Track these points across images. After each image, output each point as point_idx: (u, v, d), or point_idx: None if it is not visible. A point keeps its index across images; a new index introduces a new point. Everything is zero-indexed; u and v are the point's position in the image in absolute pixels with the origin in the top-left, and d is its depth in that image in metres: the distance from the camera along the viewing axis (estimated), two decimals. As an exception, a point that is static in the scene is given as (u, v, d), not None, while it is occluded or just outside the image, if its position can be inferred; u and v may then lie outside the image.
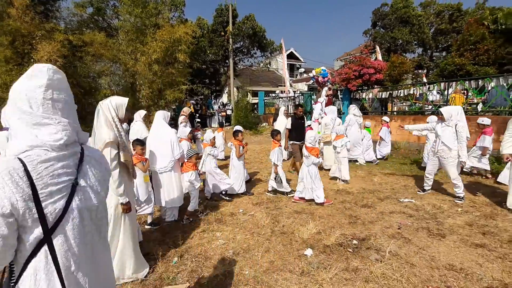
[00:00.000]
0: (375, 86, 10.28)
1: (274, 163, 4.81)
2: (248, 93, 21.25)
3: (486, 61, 14.27)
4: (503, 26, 16.02)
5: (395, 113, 10.71)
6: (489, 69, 13.65)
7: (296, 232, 3.44)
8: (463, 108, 8.94)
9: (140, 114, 5.05)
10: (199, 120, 14.81)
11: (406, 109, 11.54)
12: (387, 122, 7.61)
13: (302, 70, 29.54)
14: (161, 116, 3.85)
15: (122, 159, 2.37)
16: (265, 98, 18.64)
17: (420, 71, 19.67)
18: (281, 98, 16.53)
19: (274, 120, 11.76)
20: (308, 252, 2.95)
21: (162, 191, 3.69)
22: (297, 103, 14.54)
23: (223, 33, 19.46)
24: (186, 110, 6.98)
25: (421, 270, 2.63)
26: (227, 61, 20.71)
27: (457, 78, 10.12)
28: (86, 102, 11.45)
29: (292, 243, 3.17)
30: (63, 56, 10.25)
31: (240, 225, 3.68)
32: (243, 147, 4.91)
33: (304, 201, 4.55)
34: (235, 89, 19.90)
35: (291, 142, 5.96)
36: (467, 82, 7.85)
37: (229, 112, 17.92)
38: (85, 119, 11.85)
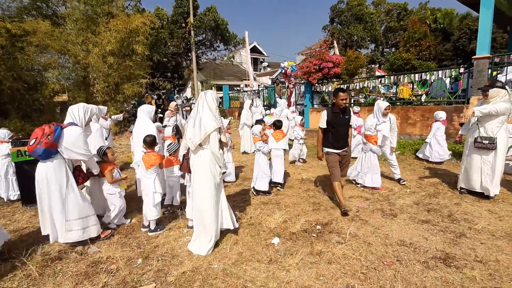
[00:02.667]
0: (334, 80, 10.73)
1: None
2: (213, 87, 20.87)
3: (428, 56, 15.71)
4: (442, 25, 17.71)
5: (352, 104, 11.31)
6: (431, 64, 15.04)
7: (263, 222, 3.49)
8: (410, 99, 9.76)
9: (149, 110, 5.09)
10: (162, 115, 14.17)
11: (362, 101, 12.26)
12: (357, 113, 8.17)
13: (265, 64, 29.77)
14: (144, 111, 3.89)
15: (223, 140, 2.92)
16: (230, 92, 18.45)
17: (373, 65, 21.00)
18: (246, 92, 16.49)
19: (239, 114, 11.74)
20: (275, 240, 3.01)
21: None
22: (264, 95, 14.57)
23: (184, 25, 18.74)
24: (173, 105, 6.67)
25: (377, 247, 2.84)
26: (189, 54, 20.05)
27: (404, 72, 10.97)
28: (31, 98, 10.28)
29: (260, 233, 3.21)
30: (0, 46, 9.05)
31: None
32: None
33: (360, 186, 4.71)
34: (199, 83, 19.40)
35: (327, 150, 3.85)
36: (413, 75, 8.56)
37: (192, 106, 17.43)
38: (31, 117, 10.69)
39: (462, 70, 7.58)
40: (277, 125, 4.98)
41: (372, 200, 4.15)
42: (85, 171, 3.29)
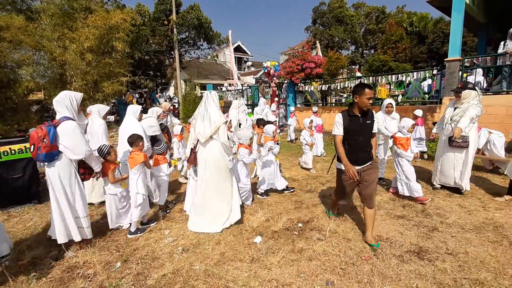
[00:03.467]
0: (316, 79, 10.89)
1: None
2: (197, 86, 20.58)
3: (404, 58, 16.29)
4: (417, 29, 18.39)
5: (334, 104, 11.51)
6: (406, 65, 15.60)
7: (246, 221, 3.48)
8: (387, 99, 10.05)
9: (157, 111, 4.95)
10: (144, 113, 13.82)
11: (343, 100, 12.52)
12: (316, 113, 8.27)
13: (249, 63, 29.65)
14: (131, 111, 3.92)
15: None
16: (217, 91, 18.28)
17: (353, 66, 21.48)
18: (230, 91, 16.39)
19: (223, 113, 11.65)
20: (258, 239, 3.02)
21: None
22: (247, 94, 14.53)
23: (166, 22, 18.33)
24: (165, 105, 6.47)
25: (356, 243, 2.91)
26: (172, 52, 19.65)
27: (382, 73, 11.31)
28: (3, 97, 9.68)
29: (243, 233, 3.20)
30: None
31: (190, 220, 3.56)
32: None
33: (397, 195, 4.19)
34: (182, 81, 19.05)
35: (341, 166, 2.98)
36: (390, 76, 8.82)
37: (176, 105, 17.10)
38: (4, 116, 10.06)
39: (435, 71, 7.90)
40: (259, 123, 4.99)
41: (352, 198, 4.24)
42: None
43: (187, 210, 3.66)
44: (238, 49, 29.86)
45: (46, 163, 2.71)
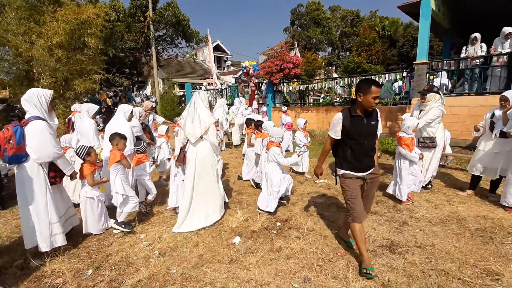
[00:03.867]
0: (294, 80, 11.02)
1: (256, 153, 4.84)
2: (175, 85, 20.09)
3: (377, 61, 16.95)
4: (389, 33, 19.19)
5: (311, 104, 11.73)
6: (379, 67, 16.25)
7: (225, 222, 3.45)
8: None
9: (139, 111, 5.01)
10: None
11: (320, 100, 12.79)
12: (285, 112, 8.41)
13: (229, 63, 29.48)
14: (121, 111, 3.97)
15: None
16: (193, 90, 17.92)
17: (330, 67, 22.03)
18: (209, 90, 16.16)
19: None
20: (236, 240, 2.99)
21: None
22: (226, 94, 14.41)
23: (142, 19, 17.69)
24: (147, 104, 6.23)
25: (332, 240, 2.98)
26: (149, 49, 19.01)
27: (357, 75, 11.68)
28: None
29: (221, 234, 3.16)
30: None
31: (168, 223, 3.47)
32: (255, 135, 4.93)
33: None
34: (160, 80, 18.52)
35: (343, 172, 2.57)
36: (364, 78, 9.12)
37: (153, 105, 16.60)
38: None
39: (405, 74, 8.29)
40: (257, 124, 4.96)
41: (328, 195, 4.34)
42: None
43: (170, 206, 3.77)
44: (217, 48, 29.53)
45: (13, 165, 2.54)
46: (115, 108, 13.11)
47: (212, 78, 18.44)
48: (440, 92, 4.31)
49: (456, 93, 7.20)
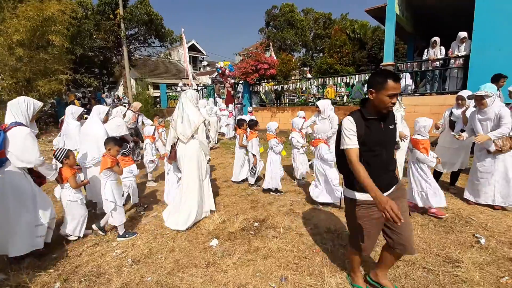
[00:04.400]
0: (270, 80, 11.11)
1: (252, 154, 4.71)
2: (149, 85, 19.41)
3: (348, 62, 17.58)
4: (358, 35, 19.98)
5: (287, 104, 11.89)
6: (350, 68, 16.87)
7: (201, 225, 3.39)
8: (335, 99, 10.75)
9: (121, 110, 5.05)
10: (87, 116, 12.52)
11: (295, 100, 13.02)
12: (251, 112, 8.51)
13: (205, 63, 29.01)
14: (95, 112, 3.87)
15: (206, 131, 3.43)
16: (168, 91, 17.45)
17: (305, 68, 22.49)
18: (184, 91, 15.81)
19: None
20: (214, 242, 2.95)
21: (89, 186, 3.65)
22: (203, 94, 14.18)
23: (112, 17, 16.90)
24: (136, 105, 5.96)
25: (308, 237, 3.04)
26: (120, 49, 18.20)
27: (330, 75, 12.04)
28: None
29: (198, 237, 3.10)
30: None
31: (141, 229, 3.34)
32: (247, 136, 4.83)
33: (417, 209, 3.50)
34: (132, 80, 17.81)
35: (358, 196, 1.93)
36: (336, 78, 9.43)
37: (126, 106, 15.91)
38: None
39: (374, 75, 8.68)
40: (251, 124, 4.90)
41: (304, 194, 4.42)
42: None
43: (166, 200, 3.96)
44: (192, 48, 29.00)
45: None
46: (84, 110, 12.41)
47: (188, 79, 18.07)
48: (399, 99, 4.60)
49: (419, 93, 7.66)
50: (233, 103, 11.18)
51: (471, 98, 3.84)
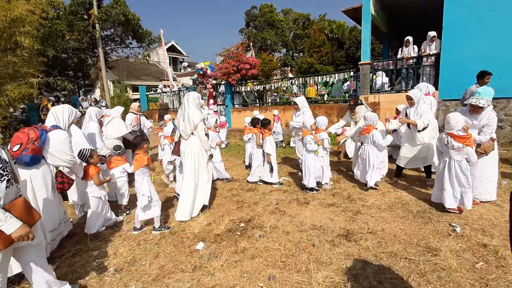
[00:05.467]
0: (252, 80, 11.11)
1: (267, 153, 4.65)
2: (128, 87, 18.84)
3: (327, 61, 17.93)
4: (336, 35, 20.43)
5: (269, 104, 11.94)
6: (329, 68, 17.21)
7: (187, 228, 3.32)
8: (316, 98, 10.92)
9: (118, 110, 4.97)
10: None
11: (278, 100, 13.10)
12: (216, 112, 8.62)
13: (185, 64, 28.56)
14: (90, 113, 4.14)
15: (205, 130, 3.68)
16: (148, 93, 16.98)
17: (286, 68, 22.68)
18: (165, 93, 15.47)
19: (160, 116, 10.91)
20: (200, 245, 2.90)
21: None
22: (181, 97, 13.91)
23: (86, 17, 16.21)
24: (134, 106, 5.82)
25: (294, 235, 3.05)
26: (95, 50, 17.51)
27: (310, 74, 12.22)
28: None
29: (184, 241, 3.03)
30: None
31: (124, 236, 3.22)
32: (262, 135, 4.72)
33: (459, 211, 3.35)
34: (110, 83, 17.19)
35: None
36: (316, 77, 9.58)
37: (103, 109, 15.31)
38: None
39: (352, 73, 8.90)
40: (264, 123, 4.77)
41: (289, 192, 4.45)
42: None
43: (177, 189, 4.26)
44: (172, 49, 28.47)
45: (25, 165, 2.58)
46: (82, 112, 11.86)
47: (168, 80, 17.70)
48: (365, 104, 4.89)
49: (395, 90, 7.95)
50: (215, 105, 11.07)
51: (464, 105, 3.82)
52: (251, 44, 18.35)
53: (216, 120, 5.72)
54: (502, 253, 2.47)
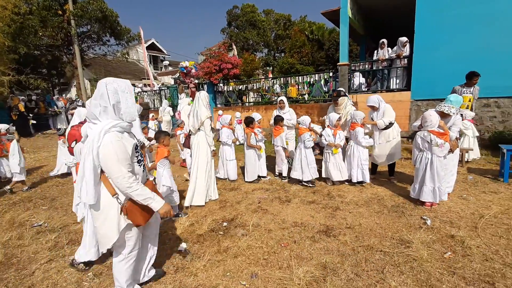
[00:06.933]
0: (234, 80, 11.06)
1: (283, 147, 4.89)
2: (106, 86, 18.03)
3: (307, 62, 18.23)
4: (317, 37, 20.79)
5: (252, 103, 11.95)
6: (310, 68, 17.51)
7: (169, 230, 3.26)
8: (297, 97, 11.07)
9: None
10: (34, 121, 11.22)
11: (260, 100, 13.13)
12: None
13: (166, 62, 27.91)
14: (77, 115, 4.08)
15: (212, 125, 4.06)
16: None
17: (268, 68, 22.80)
18: (145, 92, 15.05)
19: (142, 116, 10.60)
20: (182, 246, 2.86)
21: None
22: (163, 96, 13.60)
23: (61, 12, 15.36)
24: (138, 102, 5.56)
25: (276, 232, 3.09)
26: (71, 47, 16.65)
27: (291, 74, 12.36)
28: None
29: (166, 243, 2.98)
30: None
31: (103, 239, 3.11)
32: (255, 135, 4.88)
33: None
34: (87, 81, 16.45)
35: None
36: (298, 77, 9.71)
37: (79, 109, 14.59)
38: None
39: (331, 74, 9.10)
40: (277, 119, 4.88)
41: (271, 190, 4.49)
42: None
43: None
44: (152, 47, 27.72)
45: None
46: (30, 115, 11.17)
47: (148, 79, 17.23)
48: (347, 95, 4.95)
49: (371, 90, 8.22)
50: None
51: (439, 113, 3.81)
52: (233, 44, 18.23)
53: (230, 118, 5.39)
54: (468, 243, 2.64)
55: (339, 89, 5.31)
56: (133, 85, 18.63)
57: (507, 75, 5.96)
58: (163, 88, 14.77)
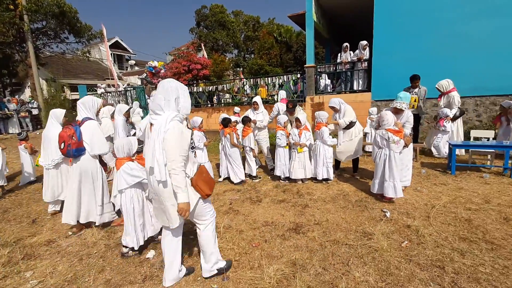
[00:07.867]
0: (204, 81, 10.87)
1: (250, 147, 4.98)
2: (65, 87, 16.77)
3: (276, 63, 18.55)
4: (285, 39, 21.22)
5: (222, 104, 11.83)
6: (278, 69, 17.82)
7: (136, 237, 3.09)
8: (267, 98, 11.18)
9: (109, 110, 5.06)
10: None
11: (230, 101, 13.05)
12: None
13: (132, 62, 26.54)
14: (53, 115, 3.88)
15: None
16: (89, 93, 15.32)
17: (238, 69, 22.76)
18: (109, 93, 14.18)
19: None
20: (151, 254, 2.74)
21: (47, 186, 3.80)
22: (128, 98, 12.94)
23: (12, 7, 13.90)
24: (123, 109, 5.18)
25: (247, 233, 3.09)
26: (24, 44, 15.16)
27: (261, 76, 12.47)
28: None
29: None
30: None
31: (63, 252, 2.87)
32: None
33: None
34: (43, 81, 15.08)
35: None
36: (267, 78, 9.82)
37: (35, 112, 13.33)
38: None
39: (299, 75, 9.34)
40: (244, 120, 4.98)
41: (242, 191, 4.49)
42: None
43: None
44: (117, 46, 26.28)
45: (74, 158, 3.04)
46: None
47: (113, 79, 16.26)
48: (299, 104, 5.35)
49: (336, 91, 8.59)
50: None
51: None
52: (202, 44, 17.90)
53: (202, 120, 5.25)
54: (422, 232, 2.87)
55: (293, 99, 5.64)
56: (96, 85, 17.49)
57: (453, 76, 6.59)
58: (129, 88, 14.02)
